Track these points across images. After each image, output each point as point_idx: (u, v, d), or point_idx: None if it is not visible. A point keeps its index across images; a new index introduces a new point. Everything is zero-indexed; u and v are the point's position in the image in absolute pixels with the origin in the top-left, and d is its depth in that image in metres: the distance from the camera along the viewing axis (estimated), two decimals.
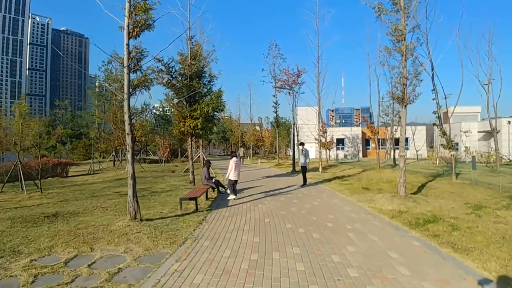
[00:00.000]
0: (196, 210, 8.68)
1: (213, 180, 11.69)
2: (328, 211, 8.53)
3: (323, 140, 29.15)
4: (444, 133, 14.72)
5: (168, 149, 27.99)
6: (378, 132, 20.79)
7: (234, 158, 10.66)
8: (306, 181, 13.61)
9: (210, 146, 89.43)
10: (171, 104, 13.11)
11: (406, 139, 45.54)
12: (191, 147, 13.76)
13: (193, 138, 13.71)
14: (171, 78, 12.85)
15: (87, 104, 31.19)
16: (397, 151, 34.65)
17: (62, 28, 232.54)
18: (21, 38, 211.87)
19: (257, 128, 57.41)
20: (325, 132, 28.08)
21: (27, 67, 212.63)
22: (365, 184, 13.43)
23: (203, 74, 13.67)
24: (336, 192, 11.86)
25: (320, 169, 18.96)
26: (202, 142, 23.17)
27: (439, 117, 14.77)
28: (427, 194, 11.05)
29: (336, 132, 44.30)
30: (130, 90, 7.42)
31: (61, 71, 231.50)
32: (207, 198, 10.66)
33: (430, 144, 51.42)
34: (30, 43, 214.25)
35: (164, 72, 12.76)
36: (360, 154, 44.84)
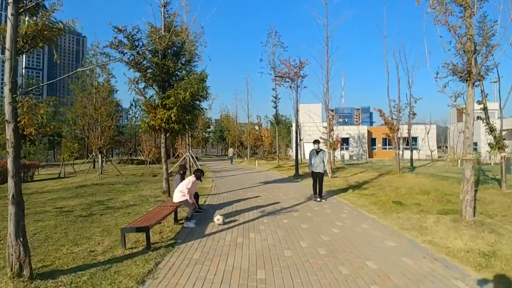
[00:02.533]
0: (148, 247, 5.39)
1: None
2: (362, 250, 5.25)
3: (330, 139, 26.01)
4: (492, 130, 11.47)
5: (154, 149, 24.76)
6: (398, 129, 17.52)
7: (191, 179, 7.71)
8: (322, 194, 10.22)
9: (208, 146, 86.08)
10: (137, 90, 9.84)
11: (415, 138, 42.09)
12: (165, 146, 10.49)
13: (167, 134, 10.42)
14: (136, 55, 9.58)
15: (69, 100, 27.90)
16: (414, 152, 31.34)
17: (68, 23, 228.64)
18: None
19: (256, 128, 54.38)
20: (332, 130, 24.96)
21: (24, 66, 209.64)
22: (394, 196, 10.16)
23: (182, 52, 10.39)
24: (359, 209, 8.58)
25: (330, 174, 15.70)
26: (191, 140, 19.92)
27: (485, 109, 11.52)
28: (489, 213, 7.79)
29: (341, 131, 41.02)
30: (19, 43, 4.16)
31: (58, 69, 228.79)
32: (176, 220, 7.36)
33: (443, 144, 48.15)
34: None
35: (127, 46, 9.50)
36: (366, 155, 41.59)
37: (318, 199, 9.80)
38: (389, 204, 9.05)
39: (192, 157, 17.45)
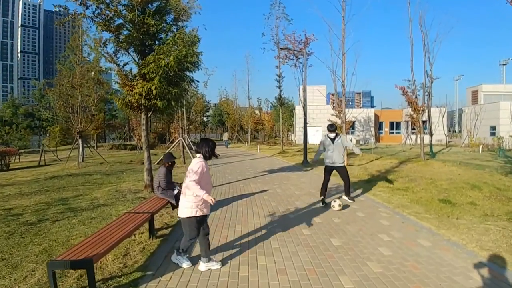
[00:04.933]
0: None
1: (176, 191, 6.27)
2: None
3: (339, 121, 23.86)
4: None
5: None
6: (423, 110, 15.24)
7: (198, 161, 3.85)
8: (350, 191, 7.57)
9: (207, 130, 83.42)
10: (106, 56, 7.59)
11: (425, 122, 40.17)
12: (146, 129, 8.29)
13: (149, 114, 8.22)
14: (104, 8, 7.29)
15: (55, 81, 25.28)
16: (425, 136, 28.91)
17: (55, 9, 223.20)
18: (12, 19, 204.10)
19: (256, 112, 52.19)
20: (340, 112, 22.88)
21: (19, 50, 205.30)
22: (437, 193, 8.04)
23: (168, 8, 8.09)
24: (401, 211, 6.45)
25: (346, 161, 13.56)
26: (187, 123, 17.70)
27: None
28: None
29: (347, 115, 38.69)
30: None
31: (54, 53, 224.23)
32: (152, 233, 5.19)
33: (450, 128, 46.03)
34: (21, 25, 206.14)
35: None
36: (372, 139, 39.42)
37: (349, 199, 7.32)
38: (436, 203, 6.95)
39: (187, 142, 15.26)
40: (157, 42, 8.01)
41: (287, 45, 22.07)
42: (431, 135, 20.73)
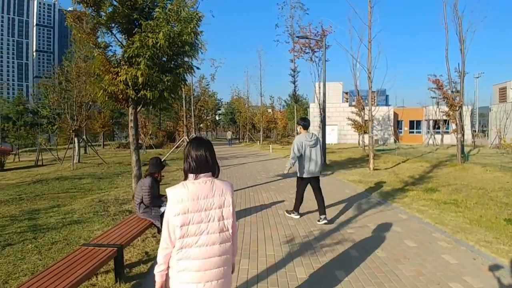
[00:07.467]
0: None
1: (163, 209, 4.77)
2: None
3: (359, 119, 22.26)
4: None
5: (150, 130, 21.31)
6: (461, 106, 13.28)
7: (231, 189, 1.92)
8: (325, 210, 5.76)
9: (219, 129, 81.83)
10: (83, 35, 6.12)
11: (447, 121, 37.67)
12: (135, 126, 6.82)
13: (138, 108, 6.75)
14: None
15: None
16: (447, 136, 26.68)
17: (69, 8, 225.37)
18: (27, 19, 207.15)
19: (269, 110, 50.66)
20: (362, 109, 21.27)
21: (34, 49, 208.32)
22: (496, 208, 6.35)
23: None
24: (462, 238, 4.77)
25: (371, 165, 11.87)
26: (197, 121, 16.24)
27: None
28: None
29: (365, 112, 36.62)
30: None
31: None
32: (119, 276, 3.68)
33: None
34: (36, 24, 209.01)
35: None
36: (393, 139, 37.33)
37: (323, 221, 5.56)
38: (503, 225, 5.28)
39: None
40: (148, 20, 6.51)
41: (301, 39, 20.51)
42: (463, 134, 18.80)
